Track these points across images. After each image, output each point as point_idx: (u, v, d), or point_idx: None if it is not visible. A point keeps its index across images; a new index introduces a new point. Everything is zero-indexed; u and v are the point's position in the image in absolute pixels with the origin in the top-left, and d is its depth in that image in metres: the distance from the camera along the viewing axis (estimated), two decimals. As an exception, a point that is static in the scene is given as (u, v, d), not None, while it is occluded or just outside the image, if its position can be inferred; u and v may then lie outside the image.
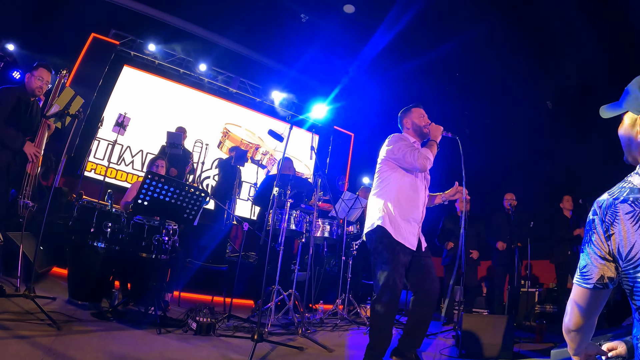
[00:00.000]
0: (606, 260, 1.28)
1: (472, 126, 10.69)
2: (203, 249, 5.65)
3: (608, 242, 1.26)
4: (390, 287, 3.15)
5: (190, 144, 7.85)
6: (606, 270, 1.29)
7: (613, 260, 1.27)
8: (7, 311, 3.29)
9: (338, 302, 6.02)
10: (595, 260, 1.30)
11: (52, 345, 2.75)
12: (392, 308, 3.19)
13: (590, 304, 1.35)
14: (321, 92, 10.96)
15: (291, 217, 5.33)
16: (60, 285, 4.78)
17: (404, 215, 3.34)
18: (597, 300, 1.34)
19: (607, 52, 7.40)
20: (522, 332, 5.88)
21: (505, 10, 7.66)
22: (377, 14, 8.45)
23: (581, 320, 1.39)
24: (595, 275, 1.30)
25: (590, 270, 1.32)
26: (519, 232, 6.59)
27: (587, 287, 1.33)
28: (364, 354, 3.21)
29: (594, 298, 1.34)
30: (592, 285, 1.32)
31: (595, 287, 1.31)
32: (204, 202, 4.31)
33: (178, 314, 4.38)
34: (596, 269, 1.30)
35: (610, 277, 1.29)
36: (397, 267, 3.20)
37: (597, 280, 1.30)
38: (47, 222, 3.73)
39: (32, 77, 4.22)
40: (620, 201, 1.25)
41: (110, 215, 4.31)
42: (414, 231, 3.37)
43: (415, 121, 3.67)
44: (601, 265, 1.29)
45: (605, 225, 1.26)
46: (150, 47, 9.68)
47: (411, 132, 3.69)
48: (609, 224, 1.25)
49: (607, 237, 1.26)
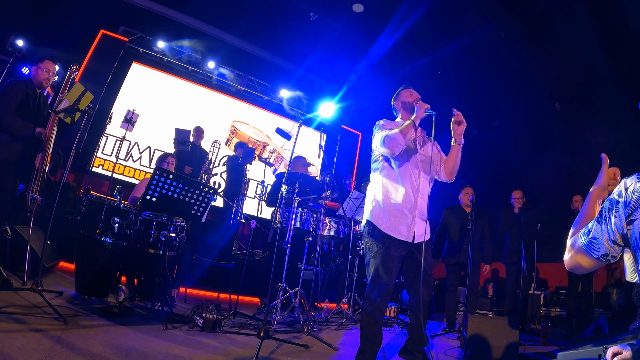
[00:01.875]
0: (616, 244, 1.34)
1: (479, 127, 10.65)
2: (210, 246, 5.66)
3: (628, 227, 1.25)
4: (377, 283, 3.05)
5: (206, 144, 7.87)
6: (612, 250, 1.36)
7: (624, 245, 1.32)
8: (14, 305, 3.31)
9: (344, 300, 6.02)
10: (607, 240, 1.35)
11: (59, 339, 2.76)
12: (381, 305, 3.08)
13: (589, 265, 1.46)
14: (329, 91, 10.95)
15: (298, 215, 5.34)
16: (67, 280, 4.81)
17: (394, 205, 3.19)
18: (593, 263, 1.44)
19: (614, 51, 7.35)
20: (527, 335, 5.84)
21: (512, 10, 7.62)
22: (385, 13, 8.44)
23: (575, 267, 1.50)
24: (602, 251, 1.38)
25: (599, 245, 1.39)
26: (527, 232, 6.53)
27: (593, 256, 1.42)
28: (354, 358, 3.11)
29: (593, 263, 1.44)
30: (597, 257, 1.40)
31: (598, 258, 1.40)
32: (212, 199, 4.32)
33: (184, 310, 4.39)
34: (604, 247, 1.37)
35: (613, 255, 1.37)
36: (386, 261, 3.08)
37: (602, 254, 1.39)
38: (55, 216, 3.74)
39: (39, 70, 4.25)
40: None
41: (119, 210, 4.33)
42: (406, 221, 3.18)
43: (405, 99, 3.54)
44: (610, 246, 1.35)
45: (628, 208, 1.25)
46: (159, 44, 9.71)
47: (403, 113, 3.57)
48: (632, 208, 1.23)
49: (629, 222, 1.25)
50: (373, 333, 3.10)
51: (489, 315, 7.37)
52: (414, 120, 3.20)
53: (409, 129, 3.18)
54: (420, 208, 3.26)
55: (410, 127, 3.18)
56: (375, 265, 3.10)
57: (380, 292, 3.05)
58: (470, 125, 9.07)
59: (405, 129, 3.16)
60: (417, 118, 3.20)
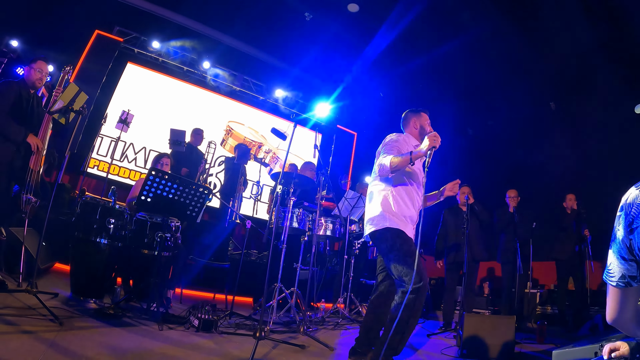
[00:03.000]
0: (626, 260, 1.27)
1: (474, 126, 10.68)
2: (206, 246, 5.65)
3: (630, 237, 1.23)
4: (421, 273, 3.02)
5: (202, 145, 7.84)
6: (627, 268, 1.28)
7: (634, 258, 1.25)
8: (9, 306, 3.30)
9: (340, 300, 6.03)
10: (618, 259, 1.30)
11: (54, 341, 2.75)
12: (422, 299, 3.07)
13: (619, 300, 1.35)
14: (324, 91, 10.95)
15: (294, 215, 5.34)
16: (62, 281, 4.78)
17: (403, 213, 3.30)
18: (625, 296, 1.34)
19: (610, 51, 7.39)
20: (523, 333, 5.86)
21: (507, 10, 7.64)
22: (380, 13, 8.45)
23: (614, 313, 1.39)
24: (617, 273, 1.31)
25: (613, 269, 1.32)
26: (522, 231, 6.56)
27: (611, 284, 1.34)
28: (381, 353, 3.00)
29: (620, 294, 1.34)
30: (615, 283, 1.32)
31: (617, 285, 1.32)
32: (207, 199, 4.31)
33: (180, 311, 4.38)
34: (618, 267, 1.30)
35: (631, 276, 1.28)
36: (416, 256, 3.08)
37: (619, 278, 1.30)
38: (50, 218, 3.72)
39: (32, 70, 4.25)
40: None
41: (114, 211, 4.31)
42: (411, 231, 3.34)
43: (424, 126, 3.62)
44: (622, 264, 1.29)
45: (629, 218, 1.23)
46: (154, 44, 9.68)
47: (416, 134, 3.64)
48: (633, 217, 1.22)
49: (630, 231, 1.23)
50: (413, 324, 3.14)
51: (485, 313, 7.38)
52: (412, 157, 3.18)
53: (404, 164, 3.22)
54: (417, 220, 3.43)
55: (406, 162, 3.20)
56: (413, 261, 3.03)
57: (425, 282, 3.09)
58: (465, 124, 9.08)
59: (401, 163, 3.20)
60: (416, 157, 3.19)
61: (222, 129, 10.67)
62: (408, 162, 3.19)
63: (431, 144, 3.11)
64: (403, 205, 3.31)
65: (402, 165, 3.21)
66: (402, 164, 3.19)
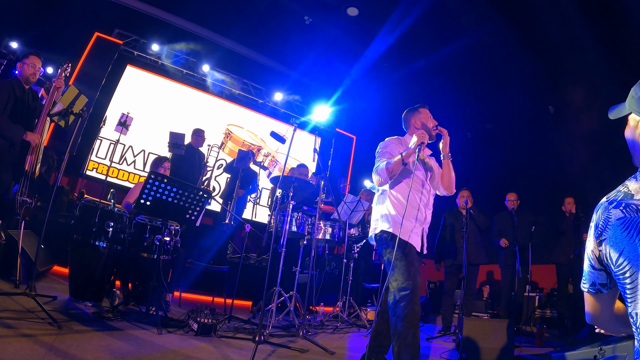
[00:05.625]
0: (595, 269, 1.30)
1: (473, 130, 10.69)
2: (205, 250, 5.64)
3: (599, 248, 1.25)
4: (412, 284, 3.00)
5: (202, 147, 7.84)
6: (597, 277, 1.31)
7: (603, 268, 1.27)
8: (7, 309, 3.29)
9: (339, 304, 6.02)
10: (588, 267, 1.33)
11: (53, 344, 2.75)
12: (418, 307, 3.01)
13: (592, 304, 1.39)
14: (324, 94, 10.95)
15: (293, 219, 5.33)
16: (60, 284, 4.78)
17: (407, 216, 3.22)
18: (599, 301, 1.37)
19: (608, 54, 7.41)
20: (522, 337, 5.86)
21: (506, 13, 7.67)
22: (379, 17, 8.47)
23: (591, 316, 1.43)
24: (588, 280, 1.34)
25: (585, 275, 1.36)
26: (521, 234, 6.57)
27: (584, 290, 1.38)
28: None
29: (593, 300, 1.38)
30: (587, 290, 1.36)
31: (589, 291, 1.36)
32: (206, 202, 4.31)
33: (179, 315, 4.38)
34: (588, 275, 1.33)
35: (602, 284, 1.31)
36: (413, 262, 3.10)
37: (590, 285, 1.34)
38: (49, 220, 3.72)
39: (25, 65, 4.28)
40: (613, 206, 1.23)
41: (113, 214, 4.30)
42: (417, 231, 3.27)
43: (425, 122, 3.52)
44: (592, 272, 1.32)
45: (598, 230, 1.25)
46: (154, 47, 9.69)
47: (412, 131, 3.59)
48: (601, 228, 1.24)
49: (599, 243, 1.25)
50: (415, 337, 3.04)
51: (485, 317, 7.37)
52: (404, 157, 3.19)
53: (397, 167, 3.23)
54: (426, 219, 3.39)
55: (399, 164, 3.21)
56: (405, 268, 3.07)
57: (416, 292, 3.02)
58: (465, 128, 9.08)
59: (395, 167, 3.22)
60: (407, 156, 3.19)
61: (222, 132, 10.67)
62: (401, 164, 3.19)
63: (419, 140, 3.16)
64: (402, 208, 3.25)
65: (397, 168, 3.22)
66: (396, 167, 3.21)
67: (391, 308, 3.06)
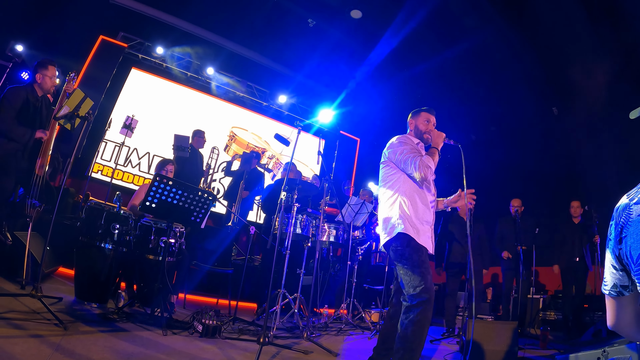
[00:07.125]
0: (616, 269, 1.26)
1: (477, 132, 10.68)
2: (209, 252, 5.66)
3: (619, 246, 1.22)
4: (428, 289, 2.97)
5: (205, 150, 7.87)
6: (618, 279, 1.27)
7: (623, 267, 1.24)
8: (14, 310, 3.31)
9: (343, 306, 6.03)
10: (609, 268, 1.28)
11: (60, 345, 2.77)
12: (431, 313, 3.01)
13: (614, 308, 1.34)
14: (327, 97, 10.96)
15: (297, 221, 5.35)
16: (66, 286, 4.80)
17: (420, 217, 3.22)
18: (620, 304, 1.33)
19: (612, 55, 7.39)
20: (526, 339, 5.85)
21: (509, 16, 7.67)
22: (383, 19, 8.48)
23: (612, 319, 1.38)
24: (610, 282, 1.29)
25: (606, 278, 1.31)
26: (524, 237, 6.55)
27: (605, 293, 1.33)
28: None
29: (615, 303, 1.33)
30: (608, 292, 1.31)
31: (610, 294, 1.31)
32: (211, 205, 4.33)
33: (184, 316, 4.39)
34: (610, 277, 1.29)
35: (623, 286, 1.27)
36: (429, 268, 3.08)
37: (611, 287, 1.29)
38: (54, 222, 3.74)
39: (46, 78, 4.31)
40: (634, 202, 1.22)
41: (119, 216, 4.33)
42: (429, 234, 3.27)
43: (419, 125, 3.55)
44: (613, 273, 1.27)
45: (618, 227, 1.23)
46: (158, 50, 9.73)
47: (413, 135, 3.60)
48: (622, 226, 1.22)
49: (619, 241, 1.22)
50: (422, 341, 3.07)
51: (488, 319, 7.36)
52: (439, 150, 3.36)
53: (437, 159, 3.32)
54: (433, 220, 3.42)
55: (437, 156, 3.33)
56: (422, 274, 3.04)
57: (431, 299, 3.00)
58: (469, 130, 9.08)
59: (436, 159, 3.31)
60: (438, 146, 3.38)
61: (226, 135, 10.70)
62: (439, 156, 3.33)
63: (443, 139, 3.37)
64: (419, 210, 3.25)
65: (436, 162, 3.30)
66: (436, 160, 3.30)
67: (404, 311, 3.03)
